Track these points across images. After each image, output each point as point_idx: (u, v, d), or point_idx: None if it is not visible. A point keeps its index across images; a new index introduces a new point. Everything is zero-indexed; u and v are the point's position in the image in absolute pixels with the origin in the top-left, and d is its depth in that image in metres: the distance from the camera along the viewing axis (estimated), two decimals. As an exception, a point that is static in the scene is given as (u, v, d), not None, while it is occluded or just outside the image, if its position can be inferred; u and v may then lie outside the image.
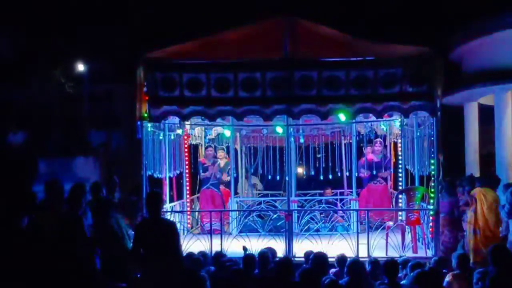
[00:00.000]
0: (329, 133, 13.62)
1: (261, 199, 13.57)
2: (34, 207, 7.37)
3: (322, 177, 13.44)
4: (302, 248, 8.98)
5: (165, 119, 9.81)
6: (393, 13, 26.90)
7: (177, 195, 12.03)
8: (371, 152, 12.30)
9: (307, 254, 7.93)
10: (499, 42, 17.28)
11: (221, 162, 12.36)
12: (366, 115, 10.56)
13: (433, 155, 9.45)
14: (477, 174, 16.07)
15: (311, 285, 6.21)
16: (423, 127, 10.36)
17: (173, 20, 27.06)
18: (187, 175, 12.30)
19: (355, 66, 9.10)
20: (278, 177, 13.55)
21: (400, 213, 10.59)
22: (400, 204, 10.94)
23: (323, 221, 11.58)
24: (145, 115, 9.37)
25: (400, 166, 12.24)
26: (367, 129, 12.79)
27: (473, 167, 18.74)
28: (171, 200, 11.55)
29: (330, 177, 13.55)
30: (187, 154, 12.35)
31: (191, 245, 9.24)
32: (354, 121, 10.97)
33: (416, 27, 24.69)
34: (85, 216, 7.62)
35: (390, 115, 10.85)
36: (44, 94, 22.17)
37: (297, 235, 9.98)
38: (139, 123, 9.49)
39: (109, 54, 24.50)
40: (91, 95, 24.88)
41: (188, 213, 11.72)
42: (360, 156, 12.49)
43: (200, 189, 12.43)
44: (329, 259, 7.53)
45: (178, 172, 11.86)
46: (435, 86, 9.09)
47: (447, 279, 7.01)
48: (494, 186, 10.24)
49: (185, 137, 12.27)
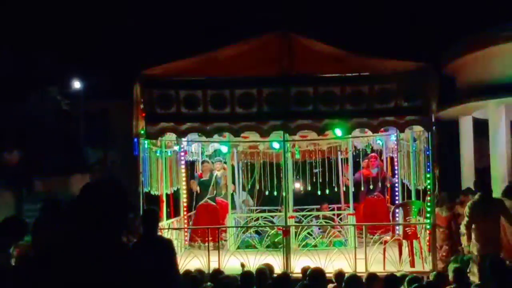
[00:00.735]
0: (325, 148, 13.65)
1: (258, 215, 13.55)
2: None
3: (319, 192, 13.46)
4: (300, 263, 8.98)
5: (162, 135, 9.84)
6: (387, 29, 27.07)
7: (174, 211, 12.02)
8: (366, 167, 12.34)
9: (305, 270, 7.92)
10: (492, 57, 17.39)
11: (218, 173, 12.39)
12: (362, 130, 10.61)
13: (429, 169, 9.49)
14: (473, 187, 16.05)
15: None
16: (419, 141, 10.41)
17: (169, 37, 27.16)
18: (184, 191, 12.30)
19: (350, 82, 9.17)
20: (275, 193, 13.56)
21: (397, 227, 10.61)
22: (397, 219, 10.96)
23: (321, 236, 11.58)
24: (142, 132, 9.39)
25: (396, 180, 12.27)
26: (363, 144, 12.83)
27: (468, 180, 18.76)
28: (168, 217, 11.54)
29: (327, 192, 13.58)
30: (184, 171, 12.36)
31: (189, 262, 9.23)
32: (350, 136, 11.01)
33: (410, 42, 24.83)
34: None
35: (386, 129, 10.91)
36: (40, 111, 22.14)
37: (295, 250, 9.97)
38: (136, 140, 9.50)
39: (105, 71, 24.53)
40: (87, 112, 24.88)
41: (186, 229, 11.71)
42: (357, 171, 12.52)
43: (196, 205, 12.41)
44: (327, 274, 7.54)
45: (175, 188, 11.86)
46: (429, 101, 9.16)
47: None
48: None
49: (182, 154, 12.28)
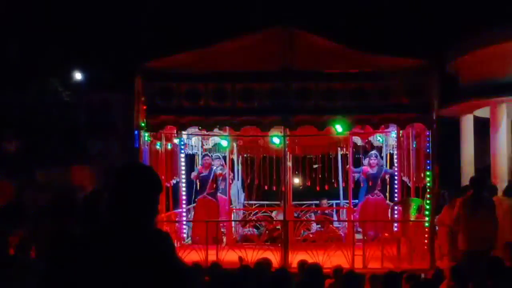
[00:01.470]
0: (325, 144, 13.63)
1: (257, 209, 13.57)
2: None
3: (318, 188, 13.46)
4: (298, 258, 8.99)
5: (163, 128, 9.84)
6: (390, 25, 27.02)
7: (173, 204, 12.03)
8: (367, 165, 12.34)
9: (301, 265, 7.94)
10: (495, 56, 17.37)
11: (217, 168, 12.42)
12: (362, 126, 10.60)
13: (428, 167, 9.49)
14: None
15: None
16: (419, 139, 10.40)
17: (171, 30, 27.13)
18: (184, 184, 12.31)
19: (352, 78, 9.17)
20: (274, 188, 13.56)
21: (395, 224, 10.62)
22: (396, 216, 10.96)
23: (319, 231, 11.59)
24: (143, 124, 9.39)
25: (395, 177, 12.27)
26: (363, 140, 12.82)
27: (468, 179, 18.74)
28: (167, 210, 11.55)
29: (326, 188, 13.58)
30: (184, 164, 12.36)
31: (186, 255, 9.23)
32: (350, 132, 11.00)
33: (413, 39, 24.80)
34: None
35: (387, 126, 10.91)
36: (41, 102, 22.14)
37: (293, 245, 9.98)
38: (136, 132, 9.50)
39: (107, 63, 24.52)
40: (89, 104, 24.88)
41: (184, 222, 11.72)
42: (357, 167, 12.53)
43: (195, 198, 12.43)
44: (325, 270, 7.55)
45: (174, 181, 11.86)
46: (431, 99, 9.15)
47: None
48: None
49: (182, 147, 12.28)
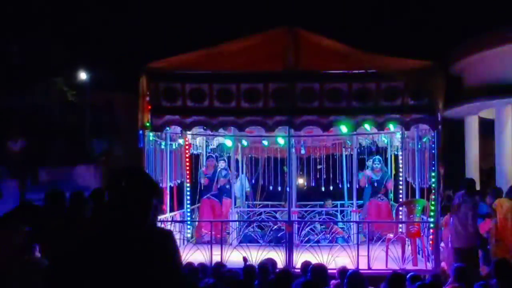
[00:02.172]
0: (330, 144, 13.64)
1: (261, 210, 13.58)
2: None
3: (323, 189, 13.46)
4: (302, 259, 8.98)
5: (167, 128, 9.84)
6: (395, 27, 27.00)
7: (177, 204, 12.04)
8: (370, 170, 12.35)
9: (304, 265, 7.94)
10: (500, 57, 17.37)
11: (221, 172, 12.46)
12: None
13: (433, 168, 9.46)
14: (477, 187, 16.06)
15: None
16: (424, 140, 10.39)
17: (176, 31, 27.16)
18: (188, 184, 12.32)
19: (357, 79, 9.14)
20: (279, 188, 13.57)
21: (400, 225, 10.60)
22: (400, 217, 10.95)
23: (323, 232, 11.59)
24: (147, 124, 9.39)
25: (400, 178, 12.26)
26: (368, 141, 12.82)
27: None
28: (171, 210, 11.55)
29: (331, 188, 13.59)
30: (188, 164, 12.37)
31: (191, 255, 9.24)
32: (355, 133, 10.99)
33: (418, 40, 24.77)
34: None
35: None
36: (45, 102, 22.18)
37: (297, 246, 9.98)
38: (141, 132, 9.50)
39: (111, 63, 24.57)
40: (93, 104, 24.93)
41: (189, 222, 11.73)
42: (361, 169, 12.53)
43: (200, 199, 12.45)
44: (330, 271, 7.55)
45: (179, 181, 11.87)
46: (436, 100, 9.12)
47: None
48: None
49: (186, 147, 12.29)
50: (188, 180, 12.30)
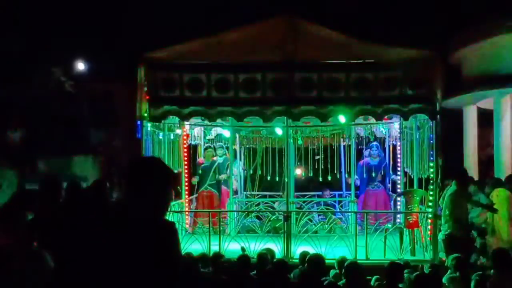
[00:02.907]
0: (328, 134, 13.63)
1: (259, 200, 13.58)
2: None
3: (321, 179, 13.47)
4: (300, 250, 9.00)
5: (165, 119, 9.82)
6: (393, 16, 26.92)
7: (175, 195, 12.02)
8: (368, 156, 12.35)
9: (302, 255, 7.96)
10: (499, 46, 17.32)
11: (220, 159, 12.44)
12: (365, 117, 10.58)
13: (432, 158, 9.46)
14: (475, 177, 16.08)
15: (310, 287, 6.22)
16: (423, 130, 10.38)
17: (174, 20, 27.05)
18: (186, 175, 12.31)
19: (355, 68, 9.12)
20: (277, 178, 13.57)
21: (398, 215, 10.61)
22: (398, 207, 10.95)
23: (322, 222, 11.60)
24: (145, 114, 9.37)
25: (399, 168, 12.26)
26: (366, 131, 12.81)
27: (471, 170, 18.76)
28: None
29: (329, 178, 13.59)
30: (186, 154, 12.36)
31: (189, 245, 9.26)
32: (353, 123, 10.98)
33: (416, 30, 24.69)
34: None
35: (390, 117, 10.88)
36: (44, 92, 22.12)
37: (296, 236, 9.99)
38: (139, 122, 9.49)
39: (110, 53, 24.48)
40: (91, 94, 24.86)
41: (186, 213, 11.73)
42: (359, 159, 12.52)
43: (198, 190, 12.44)
44: (327, 261, 7.57)
45: (177, 172, 11.86)
46: (434, 89, 9.10)
47: (443, 281, 7.02)
48: None
49: (184, 137, 12.28)
50: (186, 171, 12.29)
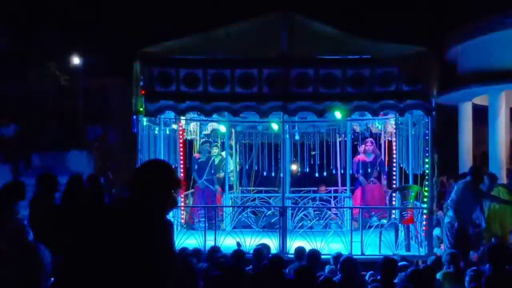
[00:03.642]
0: (324, 130, 13.63)
1: (255, 195, 13.59)
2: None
3: (317, 175, 13.48)
4: (295, 245, 9.01)
5: (161, 114, 9.82)
6: (389, 12, 26.94)
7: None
8: (363, 152, 12.35)
9: (298, 251, 7.97)
10: (495, 43, 17.34)
11: (215, 159, 12.43)
12: (361, 113, 10.59)
13: (427, 154, 9.49)
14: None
15: (306, 282, 6.23)
16: (418, 126, 10.40)
17: (170, 15, 27.01)
18: (182, 170, 12.30)
19: (351, 64, 9.13)
20: (273, 174, 13.58)
21: (393, 211, 10.63)
22: (394, 203, 10.98)
23: (317, 218, 11.62)
24: (141, 109, 9.35)
25: (394, 164, 12.28)
26: (362, 127, 12.82)
27: (466, 166, 18.77)
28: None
29: (325, 174, 13.60)
30: (182, 149, 12.34)
31: (185, 240, 9.26)
32: (349, 119, 10.99)
33: (413, 26, 24.72)
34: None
35: (385, 113, 10.89)
36: (38, 87, 22.08)
37: (291, 232, 10.00)
38: (134, 117, 9.48)
39: (105, 48, 24.42)
40: (86, 89, 24.79)
41: (182, 208, 11.72)
42: (355, 155, 12.53)
43: (194, 185, 12.43)
44: (323, 256, 7.59)
45: (172, 167, 11.81)
46: (430, 86, 9.13)
47: (438, 277, 7.04)
48: None
49: (180, 132, 12.26)
50: (182, 166, 12.28)
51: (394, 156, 12.28)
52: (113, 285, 3.07)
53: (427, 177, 9.52)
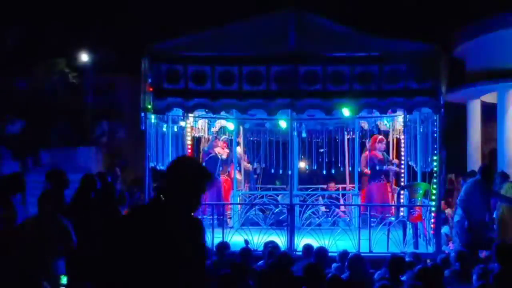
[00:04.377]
0: (332, 128, 13.60)
1: (263, 193, 13.58)
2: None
3: (325, 172, 13.46)
4: (303, 242, 9.01)
5: (169, 111, 9.81)
6: (398, 9, 26.85)
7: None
8: (376, 150, 12.25)
9: (306, 248, 7.97)
10: (503, 40, 17.28)
11: (223, 155, 12.42)
12: (369, 110, 10.56)
13: (436, 152, 9.46)
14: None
15: (314, 280, 6.23)
16: (426, 123, 10.36)
17: (178, 12, 27.02)
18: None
19: (360, 61, 9.09)
20: (281, 171, 13.57)
21: (402, 209, 10.61)
22: (402, 200, 10.95)
23: (325, 215, 11.60)
24: (149, 106, 9.35)
25: (402, 162, 12.24)
26: (370, 124, 12.78)
27: (475, 164, 18.75)
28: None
29: (333, 171, 13.57)
30: (190, 147, 12.34)
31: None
32: (357, 116, 10.96)
33: (421, 23, 24.63)
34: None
35: (394, 111, 10.86)
36: (47, 83, 22.15)
37: (299, 229, 10.00)
38: (142, 114, 9.49)
39: (113, 45, 24.48)
40: (95, 86, 24.87)
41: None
42: (363, 151, 12.48)
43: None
44: (330, 254, 7.59)
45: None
46: (439, 83, 9.09)
47: (446, 275, 7.02)
48: None
49: (188, 130, 12.25)
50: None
51: (403, 153, 12.24)
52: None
53: (435, 174, 9.49)
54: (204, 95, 9.24)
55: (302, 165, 15.64)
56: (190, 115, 10.98)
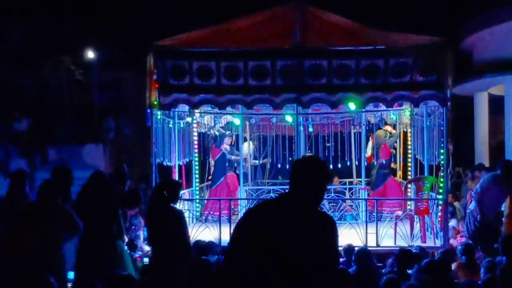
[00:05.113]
0: (338, 122, 13.58)
1: (270, 188, 13.57)
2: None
3: (331, 166, 13.45)
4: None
5: (175, 107, 9.82)
6: (404, 2, 26.75)
7: (186, 183, 12.05)
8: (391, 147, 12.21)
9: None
10: (510, 32, 17.18)
11: (228, 148, 12.43)
12: (375, 104, 10.53)
13: (442, 145, 9.43)
14: (486, 163, 16.02)
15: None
16: (433, 116, 10.32)
17: (183, 8, 27.02)
18: (197, 163, 12.31)
19: (365, 55, 9.06)
20: (287, 166, 13.55)
21: (409, 202, 10.57)
22: (409, 194, 10.92)
23: (332, 210, 11.58)
24: (155, 102, 9.36)
25: (409, 155, 12.21)
26: (376, 118, 12.75)
27: (482, 157, 18.68)
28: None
29: (339, 166, 13.55)
30: (196, 142, 12.35)
31: (200, 233, 9.28)
32: (363, 110, 10.94)
33: (427, 16, 24.54)
34: None
35: (400, 104, 10.82)
36: (53, 81, 22.20)
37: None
38: (148, 110, 9.50)
39: (119, 41, 24.52)
40: (101, 82, 24.92)
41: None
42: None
43: (214, 179, 12.35)
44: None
45: (187, 160, 11.87)
46: (445, 76, 9.04)
47: (453, 268, 7.01)
48: None
49: (195, 125, 12.26)
50: (196, 159, 12.28)
51: (409, 147, 12.21)
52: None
53: (442, 168, 9.46)
54: (209, 90, 9.24)
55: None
56: (196, 111, 10.98)
